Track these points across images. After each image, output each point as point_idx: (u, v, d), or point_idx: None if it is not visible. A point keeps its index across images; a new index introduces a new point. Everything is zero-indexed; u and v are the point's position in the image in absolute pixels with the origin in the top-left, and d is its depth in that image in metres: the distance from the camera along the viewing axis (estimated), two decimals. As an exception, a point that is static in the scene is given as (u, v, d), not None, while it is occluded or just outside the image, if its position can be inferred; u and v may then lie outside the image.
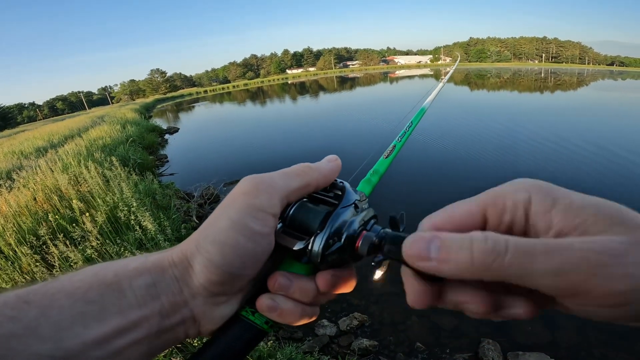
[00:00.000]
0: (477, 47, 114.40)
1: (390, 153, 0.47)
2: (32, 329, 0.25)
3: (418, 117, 0.57)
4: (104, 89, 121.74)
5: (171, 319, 0.31)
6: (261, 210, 0.31)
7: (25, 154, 9.50)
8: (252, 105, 28.41)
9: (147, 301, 0.29)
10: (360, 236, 0.33)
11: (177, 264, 0.31)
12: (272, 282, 0.33)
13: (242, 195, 0.31)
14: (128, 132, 11.13)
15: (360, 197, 0.37)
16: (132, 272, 0.30)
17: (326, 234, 0.33)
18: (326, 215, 0.34)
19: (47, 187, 4.59)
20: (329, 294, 0.35)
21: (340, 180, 0.38)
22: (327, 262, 0.33)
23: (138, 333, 0.29)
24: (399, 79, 45.12)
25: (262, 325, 0.33)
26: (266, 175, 0.33)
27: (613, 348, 2.54)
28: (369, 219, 0.36)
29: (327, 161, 0.37)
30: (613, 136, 8.52)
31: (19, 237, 3.43)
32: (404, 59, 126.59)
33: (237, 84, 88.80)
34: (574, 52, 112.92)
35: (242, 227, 0.30)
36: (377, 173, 0.44)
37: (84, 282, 0.29)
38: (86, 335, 0.26)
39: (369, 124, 11.98)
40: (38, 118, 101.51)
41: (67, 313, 0.26)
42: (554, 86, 26.53)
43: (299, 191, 0.34)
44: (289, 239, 0.33)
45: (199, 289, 0.31)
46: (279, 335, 2.80)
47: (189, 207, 5.41)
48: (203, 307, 0.32)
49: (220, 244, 0.30)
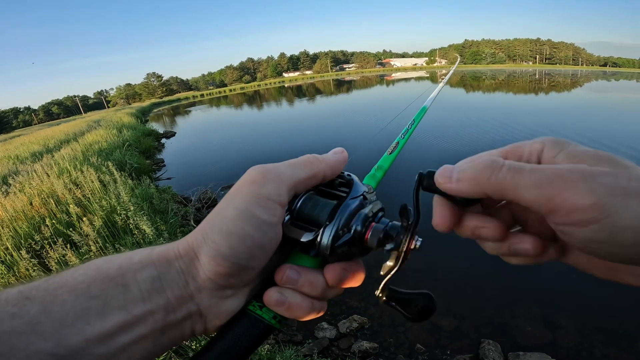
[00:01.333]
0: (472, 49, 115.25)
1: (393, 149, 0.47)
2: (33, 325, 0.24)
3: (420, 115, 0.58)
4: (100, 93, 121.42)
5: (177, 314, 0.30)
6: (268, 199, 0.30)
7: (21, 158, 9.43)
8: (249, 109, 28.41)
9: (152, 295, 0.29)
10: (370, 228, 0.33)
11: (183, 255, 0.31)
12: (279, 275, 0.33)
13: (249, 184, 0.31)
14: (124, 136, 11.08)
15: (368, 189, 0.36)
16: (136, 265, 0.29)
17: (335, 225, 0.32)
18: (335, 207, 0.33)
19: (44, 192, 4.56)
20: (337, 288, 0.35)
21: (348, 173, 0.37)
22: (336, 255, 0.33)
23: (142, 329, 0.28)
24: (395, 82, 45.29)
25: (270, 320, 0.32)
26: (273, 165, 0.33)
27: (614, 347, 2.54)
28: (377, 211, 0.35)
29: (334, 153, 0.37)
30: (609, 135, 8.60)
31: (16, 241, 3.40)
32: (400, 62, 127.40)
33: (234, 88, 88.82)
34: (568, 53, 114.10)
35: (249, 216, 0.29)
36: (381, 169, 0.44)
37: (87, 277, 0.28)
38: (88, 332, 0.26)
39: (368, 125, 12.00)
40: (33, 122, 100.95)
41: (69, 309, 0.26)
42: (548, 87, 26.71)
43: (306, 181, 0.34)
44: (297, 231, 0.33)
45: (206, 281, 0.30)
46: (279, 339, 2.78)
47: (186, 211, 5.40)
48: (209, 301, 0.31)
49: (227, 234, 0.29)
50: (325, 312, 0.36)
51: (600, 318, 2.79)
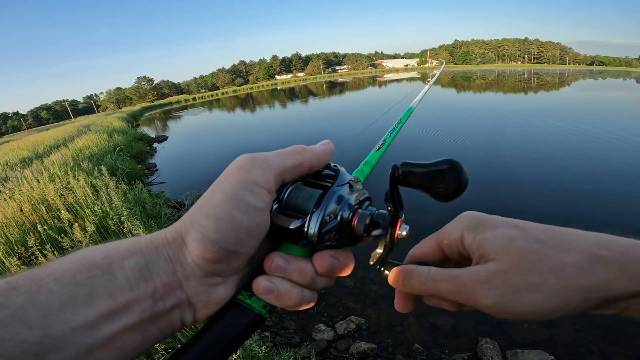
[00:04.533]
0: (463, 50, 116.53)
1: (381, 146, 0.48)
2: (19, 315, 0.24)
3: (406, 115, 0.61)
4: (90, 97, 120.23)
5: (165, 302, 0.29)
6: (256, 184, 0.31)
7: (10, 164, 9.28)
8: (241, 112, 28.34)
9: (138, 283, 0.28)
10: (356, 214, 0.34)
11: (171, 242, 0.31)
12: (268, 262, 0.33)
13: (236, 169, 0.31)
14: (115, 141, 10.99)
15: (355, 179, 0.37)
16: (123, 253, 0.29)
17: (322, 212, 0.33)
18: (321, 195, 0.34)
19: (34, 198, 4.48)
20: (327, 277, 0.35)
21: (334, 164, 0.38)
22: (325, 242, 0.33)
23: (130, 318, 0.27)
24: (387, 83, 45.55)
25: (260, 309, 0.32)
26: (260, 153, 0.33)
27: (611, 344, 2.56)
28: (364, 200, 0.37)
29: (321, 144, 0.38)
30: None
31: (7, 248, 3.35)
32: (391, 63, 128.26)
33: (226, 91, 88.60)
34: (555, 52, 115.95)
35: (237, 200, 0.30)
36: (368, 164, 0.45)
37: (73, 265, 0.27)
38: (74, 321, 0.25)
39: (357, 123, 12.03)
40: (22, 128, 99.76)
41: (55, 297, 0.25)
42: (537, 87, 27.08)
43: (293, 169, 0.34)
44: (286, 219, 0.33)
45: (194, 268, 0.30)
46: (276, 341, 2.76)
47: (179, 215, 5.35)
48: (198, 289, 0.31)
49: (214, 218, 0.29)
50: (322, 314, 0.37)
51: (597, 315, 2.80)
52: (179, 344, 1.98)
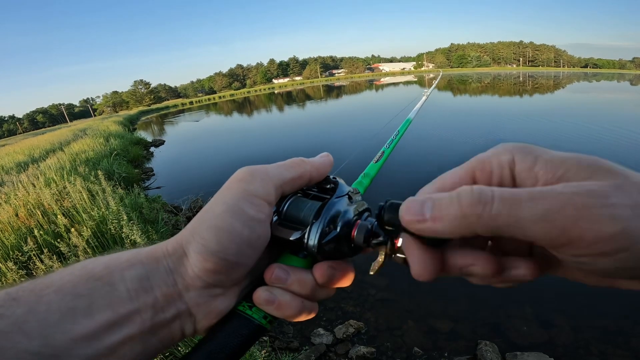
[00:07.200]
0: (459, 53, 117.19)
1: (379, 158, 0.49)
2: (20, 325, 0.24)
3: (404, 126, 0.61)
4: (86, 101, 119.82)
5: (165, 313, 0.30)
6: (256, 196, 0.31)
7: (6, 169, 9.22)
8: (239, 116, 28.33)
9: (139, 294, 0.29)
10: (356, 225, 0.34)
11: (172, 253, 0.31)
12: (269, 273, 0.33)
13: (237, 182, 0.32)
14: (112, 145, 10.92)
15: (354, 191, 0.38)
16: (124, 264, 0.29)
17: (322, 223, 0.33)
18: (321, 207, 0.34)
19: (30, 203, 4.45)
20: (327, 287, 0.35)
21: (333, 176, 0.38)
22: (325, 253, 0.33)
23: (130, 328, 0.28)
24: (384, 86, 45.72)
25: (260, 320, 0.32)
26: (260, 165, 0.34)
27: (610, 345, 2.56)
28: (363, 211, 0.37)
29: (320, 157, 0.38)
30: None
31: (3, 253, 3.32)
32: (388, 66, 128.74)
33: (224, 95, 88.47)
34: (549, 55, 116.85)
35: (237, 212, 0.30)
36: (367, 176, 0.46)
37: (73, 276, 0.28)
38: (74, 331, 0.25)
39: (357, 132, 12.06)
40: (18, 131, 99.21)
41: (55, 308, 0.26)
42: (532, 90, 27.27)
43: (293, 182, 0.35)
44: (286, 231, 0.34)
45: (194, 279, 0.30)
46: (275, 346, 2.75)
47: (177, 220, 5.33)
48: (198, 300, 0.31)
49: (215, 229, 0.30)
50: (320, 318, 0.36)
51: (596, 316, 2.82)
52: (180, 354, 1.97)
